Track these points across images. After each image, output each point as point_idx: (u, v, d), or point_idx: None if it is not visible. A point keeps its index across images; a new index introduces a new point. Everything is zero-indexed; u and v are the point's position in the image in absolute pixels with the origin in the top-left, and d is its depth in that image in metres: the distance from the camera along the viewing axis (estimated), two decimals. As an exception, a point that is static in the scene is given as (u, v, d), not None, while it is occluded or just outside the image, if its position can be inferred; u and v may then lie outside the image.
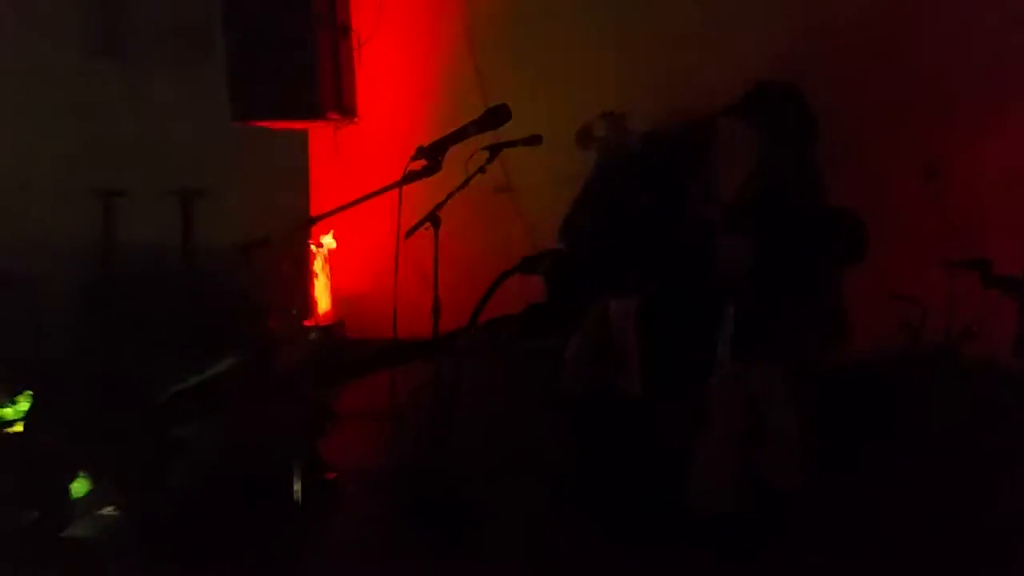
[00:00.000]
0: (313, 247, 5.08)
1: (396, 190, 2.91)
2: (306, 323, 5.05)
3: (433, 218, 3.16)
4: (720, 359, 3.22)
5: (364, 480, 3.64)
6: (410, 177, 2.91)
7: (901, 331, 4.49)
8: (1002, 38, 4.37)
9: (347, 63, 5.00)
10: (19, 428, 3.58)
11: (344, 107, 4.94)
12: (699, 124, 4.72)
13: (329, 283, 5.10)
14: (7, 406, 3.70)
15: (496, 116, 2.99)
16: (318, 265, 5.05)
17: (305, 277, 5.11)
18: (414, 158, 2.92)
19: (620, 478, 3.62)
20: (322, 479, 3.54)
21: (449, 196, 3.15)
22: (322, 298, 5.08)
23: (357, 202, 2.92)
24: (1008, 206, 4.39)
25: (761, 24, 4.62)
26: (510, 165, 4.45)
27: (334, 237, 5.10)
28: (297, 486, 3.29)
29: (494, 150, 3.28)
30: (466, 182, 3.15)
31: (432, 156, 2.92)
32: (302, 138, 5.24)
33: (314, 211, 5.09)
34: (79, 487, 3.27)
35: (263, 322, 4.52)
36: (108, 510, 3.25)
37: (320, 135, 5.19)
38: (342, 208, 2.91)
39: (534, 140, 3.44)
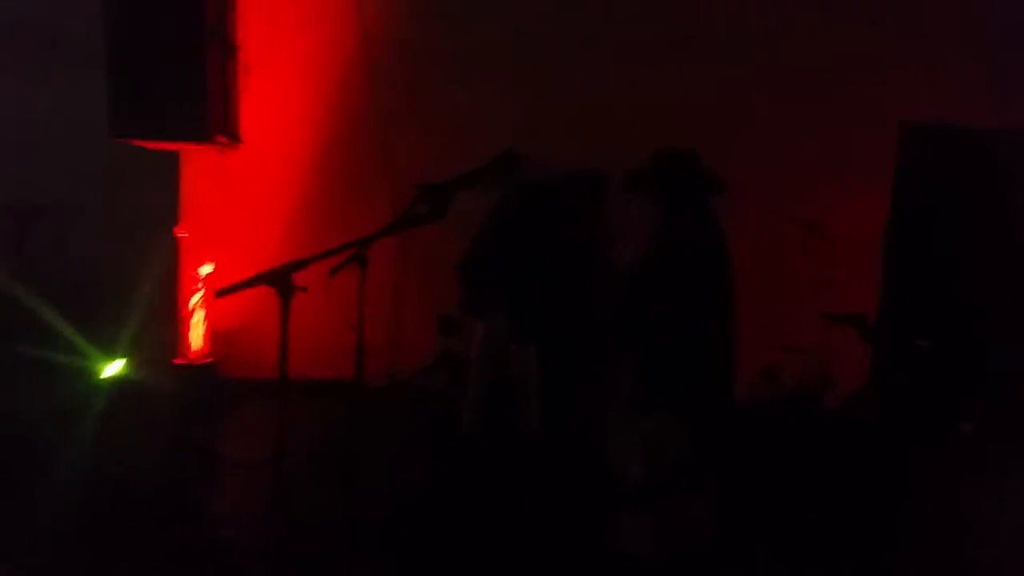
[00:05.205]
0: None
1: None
2: (176, 362, 4.62)
3: (359, 257, 2.99)
4: (617, 406, 3.27)
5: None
6: (410, 222, 2.71)
7: (765, 379, 4.80)
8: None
9: (234, 84, 4.69)
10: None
11: (231, 131, 4.63)
12: (591, 175, 4.82)
13: (205, 318, 4.69)
14: None
15: (508, 161, 2.90)
16: (195, 299, 4.63)
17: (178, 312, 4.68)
18: (416, 200, 2.72)
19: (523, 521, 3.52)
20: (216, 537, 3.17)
21: (380, 233, 3.00)
22: (196, 334, 4.66)
23: (347, 247, 2.60)
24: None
25: (661, 93, 4.76)
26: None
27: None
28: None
29: (429, 191, 3.14)
30: (402, 222, 3.00)
31: (437, 200, 2.73)
32: (173, 160, 4.83)
33: (190, 238, 4.68)
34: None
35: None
36: None
37: (198, 158, 4.79)
38: (326, 255, 2.53)
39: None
